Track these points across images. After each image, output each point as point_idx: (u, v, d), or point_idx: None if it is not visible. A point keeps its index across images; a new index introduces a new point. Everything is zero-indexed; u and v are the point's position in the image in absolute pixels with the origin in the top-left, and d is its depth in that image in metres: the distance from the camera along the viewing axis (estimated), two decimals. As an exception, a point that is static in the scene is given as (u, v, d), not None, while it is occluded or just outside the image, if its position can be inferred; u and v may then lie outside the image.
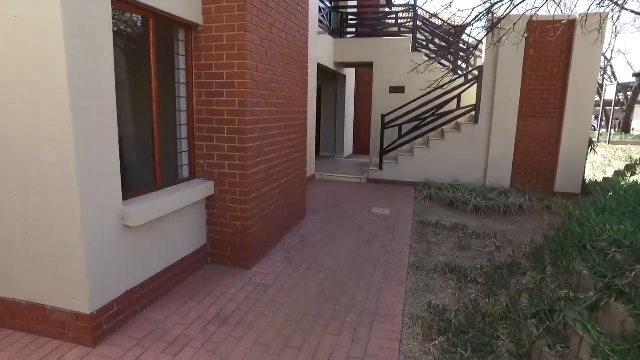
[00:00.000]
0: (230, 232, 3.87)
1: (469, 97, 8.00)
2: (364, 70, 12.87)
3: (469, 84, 7.61)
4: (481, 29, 5.83)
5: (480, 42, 7.64)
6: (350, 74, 11.58)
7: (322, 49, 8.37)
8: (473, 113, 7.69)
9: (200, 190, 3.66)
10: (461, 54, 8.96)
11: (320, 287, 3.58)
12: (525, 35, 5.64)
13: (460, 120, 8.12)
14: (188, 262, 3.67)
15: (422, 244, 4.80)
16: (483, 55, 7.46)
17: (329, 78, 11.11)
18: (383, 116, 8.01)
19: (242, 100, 3.59)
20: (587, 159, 7.59)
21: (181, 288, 3.49)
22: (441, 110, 7.78)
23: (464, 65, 9.44)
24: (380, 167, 8.12)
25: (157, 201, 3.07)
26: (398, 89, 9.08)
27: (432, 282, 3.74)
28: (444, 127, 8.09)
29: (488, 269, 4.00)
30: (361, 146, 13.33)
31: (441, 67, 9.09)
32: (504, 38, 5.55)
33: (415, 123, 7.93)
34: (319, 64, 8.30)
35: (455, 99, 7.62)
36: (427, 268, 4.04)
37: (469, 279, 3.78)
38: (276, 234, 4.55)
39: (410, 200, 6.86)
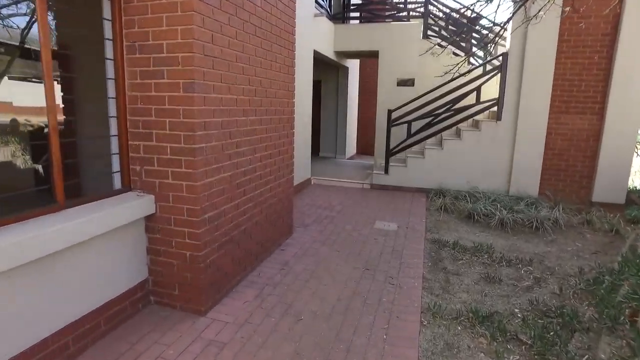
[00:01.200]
0: (177, 264, 2.83)
1: (490, 90, 6.89)
2: (369, 61, 11.79)
3: (491, 74, 6.49)
4: (511, 1, 4.71)
5: (504, 28, 6.52)
6: (353, 65, 10.51)
7: (320, 34, 7.30)
8: (495, 108, 6.58)
9: (132, 207, 2.63)
10: (477, 35, 7.83)
11: (296, 347, 2.52)
12: (568, 8, 4.52)
13: (479, 116, 7.01)
14: (115, 309, 2.63)
15: (438, 274, 3.71)
16: (507, 41, 6.34)
17: (330, 70, 10.05)
18: (390, 112, 6.93)
19: (188, 83, 2.55)
20: (630, 162, 6.43)
21: (99, 348, 2.45)
22: (457, 105, 6.68)
23: (481, 54, 8.30)
24: (386, 171, 7.03)
25: (47, 229, 2.03)
26: (407, 82, 7.99)
27: (456, 340, 2.67)
28: (460, 125, 6.99)
29: (531, 318, 2.92)
30: (365, 146, 12.25)
31: (457, 56, 7.97)
32: (540, 13, 4.44)
33: (427, 120, 6.84)
34: (316, 52, 7.24)
35: (474, 92, 6.51)
36: (448, 314, 2.96)
37: (507, 334, 2.69)
38: (247, 261, 3.50)
39: (421, 211, 5.77)
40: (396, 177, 7.00)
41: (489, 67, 7.03)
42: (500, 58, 6.54)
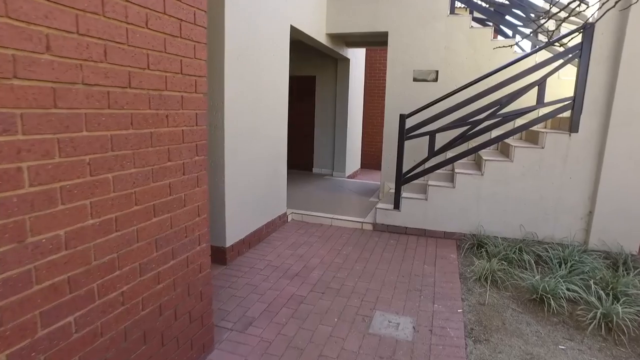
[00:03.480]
0: None
1: (555, 87, 4.60)
2: (378, 51, 9.54)
3: (564, 60, 4.17)
4: None
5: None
6: (358, 57, 8.27)
7: (301, 5, 5.10)
8: (566, 114, 4.27)
9: None
10: (522, 7, 5.49)
11: None
12: None
13: (538, 126, 4.70)
14: None
15: None
16: (594, 7, 4.05)
17: (326, 63, 7.84)
18: (403, 118, 4.67)
19: None
20: None
21: None
22: (505, 110, 4.39)
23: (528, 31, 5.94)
24: (397, 205, 4.77)
25: None
26: (427, 76, 5.72)
27: None
28: (508, 140, 4.69)
29: None
30: (373, 159, 10.00)
31: (500, 37, 5.67)
32: None
33: (460, 131, 4.57)
34: (296, 31, 5.05)
35: (536, 89, 4.21)
36: None
37: None
38: None
39: (452, 284, 3.49)
40: (411, 214, 4.73)
41: (543, 53, 4.70)
42: (583, 33, 4.22)
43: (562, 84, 5.02)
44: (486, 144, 4.47)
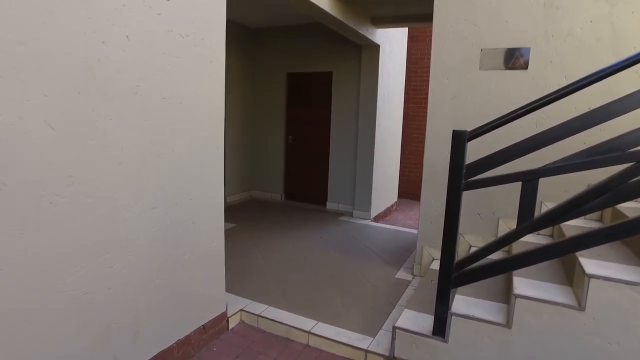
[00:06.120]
0: None
1: None
2: (427, 40, 6.96)
3: None
4: None
5: None
6: (392, 43, 5.75)
7: None
8: None
9: None
10: None
11: None
12: None
13: None
14: None
15: None
16: None
17: (345, 52, 5.46)
18: (461, 139, 2.11)
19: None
20: None
21: None
22: None
23: None
24: (439, 331, 2.21)
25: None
26: (509, 59, 3.12)
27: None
28: None
29: None
30: (416, 187, 7.32)
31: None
32: None
33: (596, 174, 1.95)
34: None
35: None
36: None
37: None
38: None
39: None
40: (470, 352, 2.15)
41: None
42: None
43: None
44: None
